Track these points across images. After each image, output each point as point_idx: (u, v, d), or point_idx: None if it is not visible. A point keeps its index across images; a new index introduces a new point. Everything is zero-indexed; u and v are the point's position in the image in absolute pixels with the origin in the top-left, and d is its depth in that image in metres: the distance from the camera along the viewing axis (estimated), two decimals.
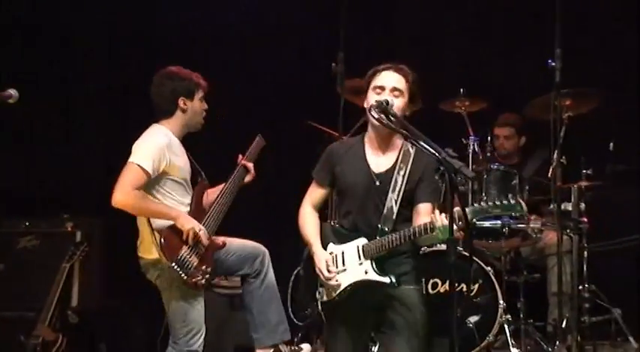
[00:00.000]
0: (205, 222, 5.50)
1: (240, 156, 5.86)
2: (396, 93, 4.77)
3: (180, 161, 5.51)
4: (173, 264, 5.28)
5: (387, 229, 4.76)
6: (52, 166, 7.68)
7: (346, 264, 4.83)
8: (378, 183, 4.82)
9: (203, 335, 5.60)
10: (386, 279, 4.73)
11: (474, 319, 6.11)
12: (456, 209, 4.35)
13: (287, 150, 8.04)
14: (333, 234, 4.96)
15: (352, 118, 6.31)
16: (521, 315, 6.68)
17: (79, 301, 7.20)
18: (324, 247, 4.93)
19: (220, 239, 5.58)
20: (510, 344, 6.22)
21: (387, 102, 4.61)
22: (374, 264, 4.76)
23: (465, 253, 6.08)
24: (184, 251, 5.34)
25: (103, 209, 7.59)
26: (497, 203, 4.55)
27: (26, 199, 7.55)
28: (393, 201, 4.77)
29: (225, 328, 6.97)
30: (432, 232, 4.57)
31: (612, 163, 6.78)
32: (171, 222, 5.37)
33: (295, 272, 6.39)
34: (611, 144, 6.76)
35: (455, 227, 4.35)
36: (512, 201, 4.54)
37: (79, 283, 7.17)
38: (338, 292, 4.82)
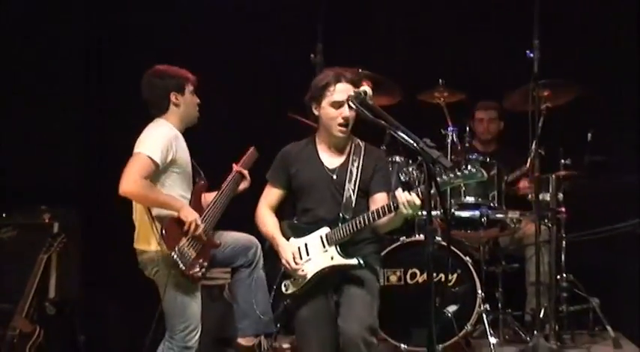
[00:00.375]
0: (202, 220, 5.51)
1: (235, 164, 5.90)
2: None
3: (184, 154, 5.55)
4: (173, 254, 5.29)
5: (347, 217, 5.00)
6: (29, 157, 7.63)
7: (310, 254, 5.06)
8: (335, 177, 5.09)
9: (199, 332, 5.63)
10: (353, 261, 4.98)
11: (452, 309, 6.12)
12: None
13: (268, 143, 8.01)
14: (292, 230, 5.20)
15: None
16: (500, 305, 6.71)
17: (57, 293, 7.16)
18: None
19: (217, 239, 5.64)
20: (488, 333, 6.23)
21: (365, 93, 4.65)
22: (339, 248, 5.00)
23: (444, 243, 6.11)
24: (184, 242, 5.36)
25: (81, 200, 7.64)
26: (459, 173, 4.72)
27: (2, 191, 7.50)
28: (350, 190, 5.06)
29: (204, 319, 6.94)
30: (396, 210, 4.77)
31: (590, 154, 6.80)
32: (173, 213, 5.38)
33: (241, 276, 6.41)
34: (589, 134, 6.78)
35: (418, 202, 4.68)
36: (474, 170, 4.72)
37: (56, 275, 7.13)
38: (306, 281, 5.04)
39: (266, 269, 5.40)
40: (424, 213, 5.79)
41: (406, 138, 4.21)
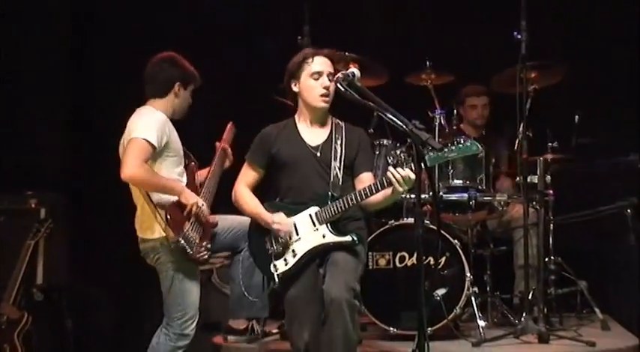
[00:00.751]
0: (203, 197, 5.56)
1: (218, 143, 5.95)
2: (330, 77, 5.03)
3: (176, 139, 5.57)
4: (180, 239, 5.29)
5: (336, 195, 4.97)
6: (14, 142, 7.58)
7: (300, 234, 5.02)
8: (319, 154, 5.07)
9: (196, 321, 5.62)
10: (347, 238, 4.96)
11: (441, 292, 6.11)
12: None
13: (255, 126, 7.99)
14: (277, 210, 5.11)
15: None
16: (488, 288, 6.71)
17: (44, 279, 7.13)
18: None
19: (213, 217, 5.63)
20: (477, 316, 6.23)
21: (353, 75, 4.61)
22: (330, 226, 4.96)
23: (432, 226, 6.10)
24: (187, 227, 5.37)
25: (68, 185, 7.59)
26: (453, 147, 4.64)
27: None
28: (336, 168, 5.04)
29: None
30: (389, 186, 4.71)
31: (577, 136, 6.79)
32: (172, 198, 5.39)
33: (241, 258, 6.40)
34: (577, 116, 6.77)
35: (413, 176, 4.58)
36: (468, 143, 4.66)
37: (43, 260, 7.10)
38: (296, 260, 5.00)
39: (252, 248, 5.29)
40: (413, 195, 5.84)
41: (395, 119, 4.19)
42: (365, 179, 5.07)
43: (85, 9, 7.96)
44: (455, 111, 6.96)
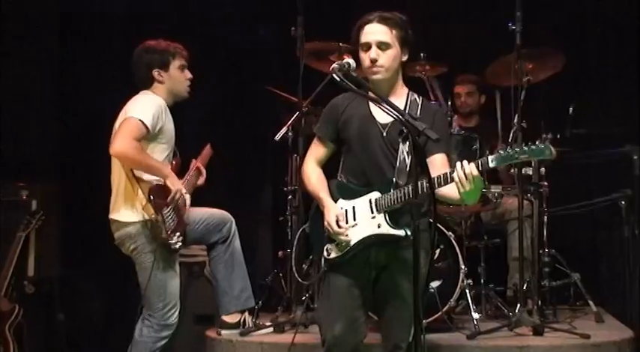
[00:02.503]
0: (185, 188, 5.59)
1: (194, 161, 5.97)
2: (383, 47, 4.64)
3: (171, 126, 5.59)
4: (158, 217, 5.28)
5: (401, 183, 4.52)
6: (4, 134, 7.53)
7: (357, 219, 4.60)
8: (385, 134, 4.61)
9: (178, 310, 5.61)
10: (400, 232, 4.51)
11: (435, 284, 6.09)
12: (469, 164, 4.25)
13: (246, 116, 7.98)
14: (341, 191, 4.71)
15: (313, 83, 6.23)
16: (482, 280, 6.69)
17: (36, 271, 7.10)
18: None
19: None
20: (471, 308, 6.21)
21: (349, 65, 4.50)
22: (387, 216, 4.53)
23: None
24: (166, 211, 5.36)
25: (59, 177, 7.55)
26: (525, 148, 4.22)
27: None
28: (404, 152, 4.55)
29: (185, 296, 6.92)
30: (450, 182, 4.30)
31: (571, 127, 6.76)
32: (152, 180, 5.39)
33: (300, 229, 6.30)
34: (571, 108, 6.75)
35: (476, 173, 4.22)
36: (542, 145, 4.22)
37: (35, 253, 7.07)
38: (349, 248, 4.60)
39: (310, 228, 4.86)
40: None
41: (391, 110, 4.14)
42: (437, 161, 4.55)
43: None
44: (449, 102, 6.94)
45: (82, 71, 7.79)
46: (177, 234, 5.42)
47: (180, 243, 5.43)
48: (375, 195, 4.57)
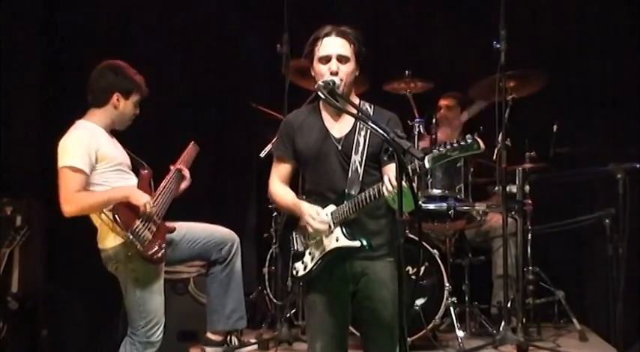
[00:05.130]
0: (157, 201, 5.48)
1: (172, 166, 5.75)
2: (343, 60, 4.60)
3: (109, 148, 5.45)
4: (129, 234, 5.22)
5: (353, 193, 4.52)
6: None
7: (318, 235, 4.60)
8: (340, 147, 4.60)
9: (162, 326, 5.54)
10: (356, 243, 4.49)
11: (420, 301, 6.09)
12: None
13: (232, 134, 7.98)
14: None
15: (298, 100, 6.25)
16: (466, 298, 6.70)
17: (20, 287, 7.07)
18: (298, 222, 4.68)
19: (175, 224, 5.57)
20: (456, 326, 6.21)
21: (334, 83, 4.50)
22: (344, 229, 4.52)
23: (412, 236, 6.07)
24: (138, 224, 5.29)
25: (43, 192, 7.52)
26: (455, 145, 4.24)
27: None
28: (357, 163, 4.55)
29: (168, 313, 6.90)
30: (380, 196, 4.35)
31: (555, 145, 6.78)
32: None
33: (270, 251, 6.30)
34: (555, 126, 6.77)
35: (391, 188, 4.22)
36: (470, 140, 4.23)
37: (19, 269, 7.04)
38: (312, 264, 4.59)
39: (280, 245, 4.89)
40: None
41: (376, 128, 4.15)
42: (390, 170, 4.47)
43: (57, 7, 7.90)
44: (434, 119, 6.95)
45: (68, 85, 7.77)
46: (157, 244, 5.36)
47: (159, 254, 5.36)
48: (331, 208, 4.56)
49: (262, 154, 6.55)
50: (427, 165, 4.26)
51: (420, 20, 8.07)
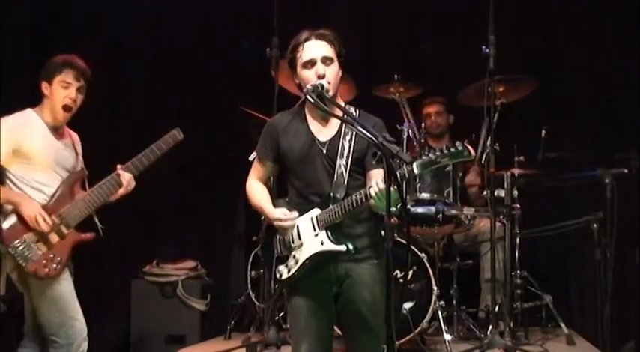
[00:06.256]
0: (67, 210, 5.25)
1: (119, 166, 5.48)
2: (328, 62, 4.57)
3: (40, 146, 5.26)
4: (9, 249, 5.07)
5: (339, 196, 4.50)
6: None
7: (302, 238, 4.56)
8: (325, 151, 4.57)
9: (83, 325, 5.30)
10: (342, 247, 4.48)
11: (408, 305, 6.10)
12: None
13: (221, 137, 7.98)
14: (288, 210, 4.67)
15: (287, 103, 6.26)
16: (454, 301, 6.71)
17: (8, 289, 7.04)
18: None
19: (87, 234, 5.35)
20: (444, 330, 6.22)
21: (322, 87, 4.49)
22: (329, 233, 4.50)
23: (400, 239, 6.08)
24: (28, 236, 5.12)
25: None
26: (445, 151, 4.23)
27: None
28: (342, 167, 4.53)
29: (156, 317, 6.90)
30: (369, 200, 4.32)
31: (543, 150, 6.80)
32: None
33: (253, 253, 6.29)
34: (543, 131, 6.79)
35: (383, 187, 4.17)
36: (460, 147, 4.22)
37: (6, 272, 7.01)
38: (297, 267, 4.56)
39: (262, 250, 4.78)
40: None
41: (365, 132, 4.15)
42: (374, 175, 4.48)
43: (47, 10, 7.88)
44: (422, 124, 6.97)
45: None
46: (50, 258, 5.11)
47: (47, 270, 5.11)
48: (315, 212, 4.54)
49: (251, 158, 6.54)
50: (416, 171, 4.24)
51: (410, 25, 8.09)
